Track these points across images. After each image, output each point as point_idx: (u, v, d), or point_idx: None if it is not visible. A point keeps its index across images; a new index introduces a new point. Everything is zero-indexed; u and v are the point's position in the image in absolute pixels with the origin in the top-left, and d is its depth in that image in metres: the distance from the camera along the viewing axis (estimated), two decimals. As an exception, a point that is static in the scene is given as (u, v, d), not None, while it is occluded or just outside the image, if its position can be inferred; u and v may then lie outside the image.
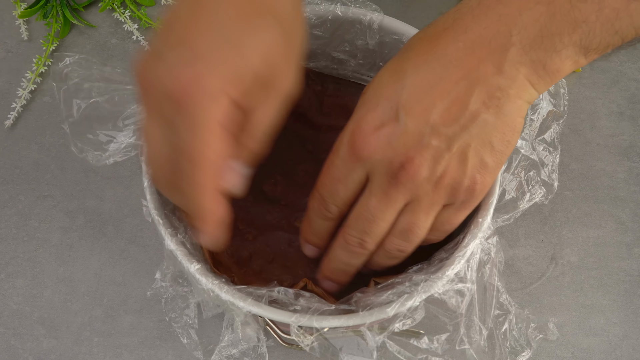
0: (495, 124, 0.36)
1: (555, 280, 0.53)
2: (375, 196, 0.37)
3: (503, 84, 0.35)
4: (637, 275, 0.53)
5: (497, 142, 0.36)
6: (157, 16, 0.63)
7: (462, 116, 0.35)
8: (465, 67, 0.35)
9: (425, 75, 0.36)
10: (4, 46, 0.62)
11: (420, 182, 0.36)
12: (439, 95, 0.35)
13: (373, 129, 0.36)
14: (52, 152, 0.57)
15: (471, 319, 0.39)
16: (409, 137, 0.35)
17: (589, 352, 0.51)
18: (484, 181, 0.37)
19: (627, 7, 0.34)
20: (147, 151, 0.36)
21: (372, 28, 0.45)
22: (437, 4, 0.64)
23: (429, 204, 0.37)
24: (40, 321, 0.51)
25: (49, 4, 0.62)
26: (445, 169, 0.36)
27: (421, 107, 0.35)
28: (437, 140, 0.35)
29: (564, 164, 0.57)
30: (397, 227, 0.38)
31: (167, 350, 0.50)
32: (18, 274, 0.53)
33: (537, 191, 0.42)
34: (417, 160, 0.35)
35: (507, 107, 0.36)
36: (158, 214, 0.39)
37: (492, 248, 0.40)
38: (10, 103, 0.58)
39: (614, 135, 0.58)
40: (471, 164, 0.36)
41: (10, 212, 0.55)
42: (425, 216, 0.38)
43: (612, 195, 0.56)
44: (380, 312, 0.37)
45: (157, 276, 0.41)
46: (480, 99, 0.35)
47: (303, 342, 0.37)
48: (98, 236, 0.54)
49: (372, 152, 0.36)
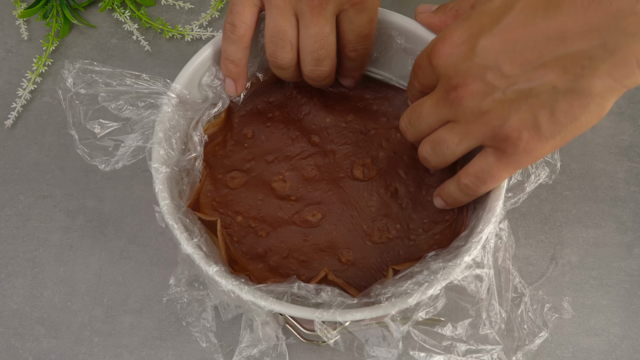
0: (565, 93, 0.34)
1: (555, 280, 0.53)
2: (430, 99, 0.39)
3: (596, 55, 0.32)
4: (637, 275, 0.53)
5: (560, 111, 0.34)
6: (157, 16, 0.63)
7: (532, 69, 0.34)
8: (569, 24, 0.33)
9: (525, 17, 0.34)
10: (4, 46, 0.62)
11: (464, 108, 0.37)
12: (523, 39, 0.34)
13: (452, 45, 0.37)
14: (52, 152, 0.57)
15: (491, 303, 0.39)
16: (474, 64, 0.36)
17: (589, 352, 0.51)
18: (531, 142, 0.36)
19: None
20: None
21: None
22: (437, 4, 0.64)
23: (465, 132, 0.38)
24: (40, 321, 0.51)
25: (49, 4, 0.62)
26: (492, 108, 0.36)
27: (499, 43, 0.35)
28: (495, 78, 0.35)
29: (564, 164, 0.57)
30: (433, 136, 0.40)
31: (167, 350, 0.50)
32: (18, 274, 0.53)
33: (541, 172, 0.42)
34: (469, 89, 0.36)
35: (590, 80, 0.33)
36: (172, 218, 0.39)
37: (504, 232, 0.40)
38: (10, 103, 0.58)
39: (614, 135, 0.58)
40: (521, 117, 0.35)
41: (10, 212, 0.55)
42: (459, 141, 0.38)
43: (612, 195, 0.56)
44: (402, 302, 0.37)
45: (172, 282, 0.41)
46: (561, 62, 0.33)
47: (327, 337, 0.37)
48: (98, 236, 0.54)
49: (441, 64, 0.37)
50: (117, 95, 0.42)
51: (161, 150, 0.41)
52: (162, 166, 0.41)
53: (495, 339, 0.39)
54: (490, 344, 0.39)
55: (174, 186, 0.42)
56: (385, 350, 0.38)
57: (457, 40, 0.37)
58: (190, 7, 0.63)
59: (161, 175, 0.40)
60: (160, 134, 0.42)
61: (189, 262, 0.39)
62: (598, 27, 0.32)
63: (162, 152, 0.41)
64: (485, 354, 0.39)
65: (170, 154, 0.42)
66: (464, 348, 0.39)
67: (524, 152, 0.36)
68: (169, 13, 0.63)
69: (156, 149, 0.41)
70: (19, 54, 0.61)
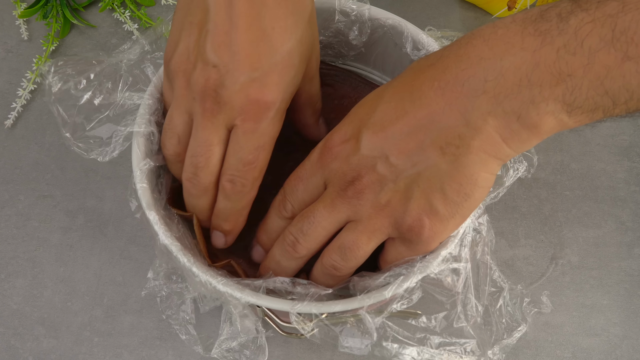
0: (450, 172, 0.35)
1: (555, 280, 0.53)
2: (323, 202, 0.38)
3: (464, 133, 0.34)
4: (637, 275, 0.53)
5: (451, 191, 0.35)
6: (157, 16, 0.63)
7: (415, 154, 0.35)
8: (433, 107, 0.34)
9: (395, 105, 0.36)
10: (4, 46, 0.62)
11: (364, 202, 0.37)
12: (400, 128, 0.35)
13: (340, 142, 0.37)
14: (52, 152, 0.57)
15: (467, 296, 0.39)
16: (363, 157, 0.36)
17: (589, 352, 0.51)
18: (434, 227, 0.36)
19: (621, 66, 0.30)
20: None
21: (363, 20, 0.46)
22: (437, 4, 0.64)
23: (371, 228, 0.37)
24: (40, 321, 0.51)
25: (49, 4, 0.62)
26: (390, 199, 0.36)
27: (382, 134, 0.36)
28: (385, 169, 0.36)
29: (564, 164, 0.57)
30: (337, 242, 0.39)
31: (167, 350, 0.50)
32: (18, 274, 0.53)
33: (519, 166, 0.42)
34: (364, 181, 0.36)
35: (467, 158, 0.34)
36: (151, 209, 0.40)
37: (483, 227, 0.40)
38: (10, 103, 0.58)
39: (614, 135, 0.58)
40: (417, 204, 0.36)
41: (10, 212, 0.55)
42: (367, 239, 0.38)
43: (612, 195, 0.56)
44: (378, 294, 0.37)
45: (150, 275, 0.42)
46: (437, 143, 0.34)
47: (303, 329, 0.37)
48: (98, 236, 0.54)
49: (332, 162, 0.37)
50: (98, 85, 0.42)
51: (142, 139, 0.41)
52: (144, 159, 0.41)
53: (469, 333, 0.39)
54: (464, 337, 0.39)
55: (154, 179, 0.42)
56: (358, 341, 0.38)
57: (343, 137, 0.37)
58: (190, 7, 0.63)
59: (143, 167, 0.41)
60: (142, 126, 0.42)
61: (166, 255, 0.39)
62: (457, 108, 0.34)
63: (143, 140, 0.41)
64: (459, 347, 0.39)
65: (152, 142, 0.42)
66: (437, 340, 0.39)
67: (429, 239, 0.37)
68: (169, 13, 0.63)
69: (137, 139, 0.41)
70: (19, 54, 0.61)
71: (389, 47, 0.47)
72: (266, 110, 0.37)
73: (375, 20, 0.46)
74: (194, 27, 0.38)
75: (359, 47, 0.48)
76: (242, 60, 0.36)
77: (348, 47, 0.48)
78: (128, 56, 0.44)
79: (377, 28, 0.46)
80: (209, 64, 0.37)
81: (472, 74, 0.33)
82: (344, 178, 0.37)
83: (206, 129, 0.38)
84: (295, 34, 0.37)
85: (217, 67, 0.36)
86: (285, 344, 0.50)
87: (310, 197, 0.39)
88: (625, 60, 0.30)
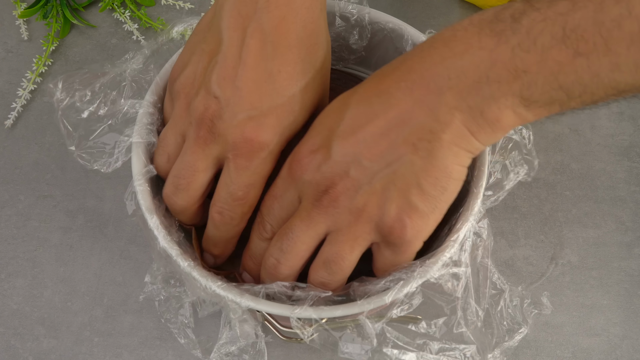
0: (425, 167, 0.35)
1: (555, 280, 0.53)
2: (299, 216, 0.38)
3: (435, 128, 0.35)
4: (637, 275, 0.53)
5: (428, 185, 0.36)
6: (157, 16, 0.63)
7: (388, 154, 0.35)
8: (402, 106, 0.35)
9: (364, 109, 0.36)
10: (4, 46, 0.62)
11: (341, 210, 0.36)
12: (371, 130, 0.36)
13: (309, 153, 0.37)
14: (52, 152, 0.57)
15: (467, 301, 0.39)
16: (336, 165, 0.36)
17: (589, 352, 0.51)
18: (416, 225, 0.36)
19: (572, 62, 0.32)
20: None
21: (363, 24, 0.46)
22: (438, 4, 0.64)
23: (352, 236, 0.37)
24: (40, 321, 0.51)
25: (49, 4, 0.62)
26: (366, 202, 0.36)
27: (353, 139, 0.36)
28: (359, 173, 0.36)
29: (564, 164, 0.57)
30: (321, 257, 0.38)
31: (167, 350, 0.50)
32: (18, 274, 0.53)
33: (520, 170, 0.42)
34: (339, 188, 0.36)
35: (439, 152, 0.35)
36: (151, 213, 0.40)
37: (483, 231, 0.40)
38: (10, 103, 0.58)
39: (614, 135, 0.58)
40: (396, 204, 0.36)
41: (10, 212, 0.55)
42: (350, 249, 0.37)
43: (612, 195, 0.56)
44: (378, 299, 0.37)
45: (147, 279, 0.42)
46: (410, 140, 0.35)
47: (303, 334, 0.37)
48: (98, 236, 0.54)
49: (303, 174, 0.37)
50: (102, 97, 0.43)
51: (142, 146, 0.42)
52: (147, 166, 0.41)
53: (469, 338, 0.39)
54: (464, 342, 0.39)
55: (154, 187, 0.42)
56: (358, 347, 0.38)
57: (311, 147, 0.37)
58: (190, 7, 0.63)
59: (144, 170, 0.41)
60: (142, 131, 0.42)
61: (165, 258, 0.39)
62: (426, 104, 0.34)
63: (143, 147, 0.42)
64: (458, 353, 0.39)
65: (152, 152, 0.42)
66: (437, 346, 0.39)
67: (413, 238, 0.37)
68: (169, 13, 0.63)
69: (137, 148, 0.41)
70: (19, 54, 0.61)
71: (390, 51, 0.47)
72: (259, 150, 0.38)
73: (375, 23, 0.46)
74: (205, 55, 0.39)
75: (360, 51, 0.48)
76: (244, 97, 0.37)
77: (349, 51, 0.48)
78: (132, 65, 0.44)
79: (377, 32, 0.46)
80: (211, 93, 0.37)
81: (436, 72, 0.34)
82: (318, 188, 0.37)
83: (195, 154, 0.39)
84: (301, 81, 0.38)
85: (218, 99, 0.37)
86: (284, 347, 0.50)
87: (287, 213, 0.39)
88: (577, 57, 0.32)
